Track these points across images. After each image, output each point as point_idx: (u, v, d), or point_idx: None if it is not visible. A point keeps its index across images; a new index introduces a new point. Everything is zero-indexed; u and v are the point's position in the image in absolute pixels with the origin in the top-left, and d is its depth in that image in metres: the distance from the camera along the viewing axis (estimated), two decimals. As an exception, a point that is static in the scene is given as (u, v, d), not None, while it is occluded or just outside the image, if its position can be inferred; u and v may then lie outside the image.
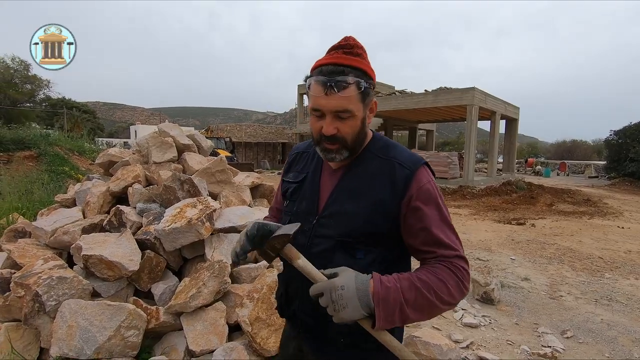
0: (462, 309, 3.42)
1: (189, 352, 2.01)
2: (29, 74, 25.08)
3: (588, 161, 32.14)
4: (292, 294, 1.05)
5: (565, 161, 29.86)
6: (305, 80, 0.95)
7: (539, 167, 27.61)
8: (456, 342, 2.81)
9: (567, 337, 3.02)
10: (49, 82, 26.59)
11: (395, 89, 21.49)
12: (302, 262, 0.89)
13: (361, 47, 0.93)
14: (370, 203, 0.93)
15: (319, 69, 0.91)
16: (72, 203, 3.22)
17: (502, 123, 17.70)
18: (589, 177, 23.91)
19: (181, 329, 2.11)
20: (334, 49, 0.93)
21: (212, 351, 1.97)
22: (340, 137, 0.92)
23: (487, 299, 3.65)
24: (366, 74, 0.91)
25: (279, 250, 0.91)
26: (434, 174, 1.01)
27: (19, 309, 2.04)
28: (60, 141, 9.97)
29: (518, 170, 26.10)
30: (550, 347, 2.83)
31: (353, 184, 0.97)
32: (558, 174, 26.62)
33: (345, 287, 0.81)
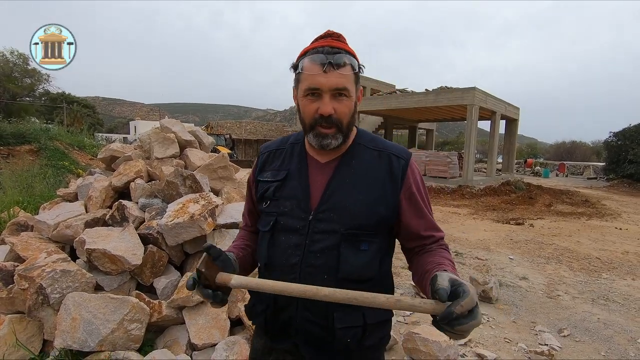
0: (461, 307, 3.45)
1: (191, 346, 2.03)
2: (29, 67, 24.99)
3: (587, 162, 32.21)
4: (284, 303, 0.95)
5: (565, 162, 29.93)
6: (295, 66, 0.94)
7: (538, 167, 27.65)
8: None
9: (564, 336, 3.06)
10: (48, 76, 26.51)
11: (396, 87, 21.50)
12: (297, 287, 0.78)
13: (345, 38, 0.95)
14: (372, 193, 0.94)
15: (312, 50, 0.91)
16: (74, 197, 3.23)
17: (502, 123, 17.73)
18: (588, 179, 23.98)
19: (183, 322, 2.14)
20: (322, 37, 0.95)
21: (214, 345, 1.99)
22: (337, 119, 0.90)
23: (485, 298, 3.68)
24: (356, 59, 0.93)
25: None
26: None
27: (22, 301, 2.06)
28: (61, 136, 9.97)
29: (517, 171, 26.16)
30: (547, 345, 2.86)
31: (351, 175, 0.96)
32: (557, 175, 26.69)
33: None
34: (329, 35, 0.94)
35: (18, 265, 2.19)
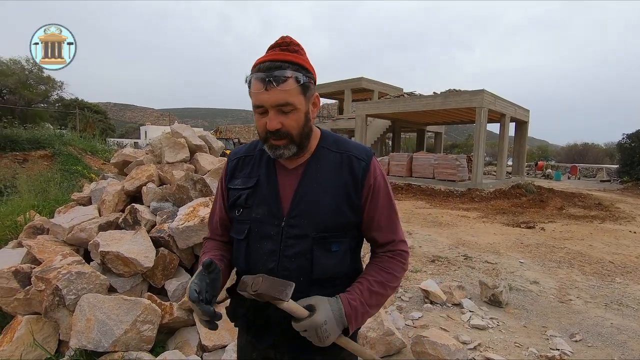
0: (470, 311, 3.43)
1: (202, 347, 2.07)
2: (43, 75, 25.62)
3: (600, 165, 31.63)
4: (263, 305, 0.96)
5: (577, 164, 29.44)
6: (246, 80, 0.95)
7: (550, 170, 27.26)
8: (464, 343, 2.82)
9: (576, 341, 3.01)
10: (62, 83, 27.15)
11: (404, 90, 21.46)
12: (287, 305, 0.88)
13: (298, 45, 0.96)
14: (337, 196, 0.97)
15: (257, 66, 0.92)
16: (88, 201, 3.31)
17: (512, 125, 17.55)
18: (601, 181, 23.54)
19: (194, 324, 2.17)
20: (271, 47, 0.95)
21: (224, 346, 2.02)
22: (285, 132, 0.92)
23: (495, 302, 3.64)
24: (304, 68, 0.93)
25: (264, 301, 0.89)
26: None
27: (39, 302, 2.12)
28: (74, 141, 10.19)
29: (528, 174, 25.82)
30: (558, 350, 2.82)
31: (317, 179, 0.99)
32: (569, 178, 26.25)
33: (327, 321, 0.89)
34: (278, 45, 0.95)
35: (35, 268, 2.26)
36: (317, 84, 1.03)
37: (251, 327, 1.05)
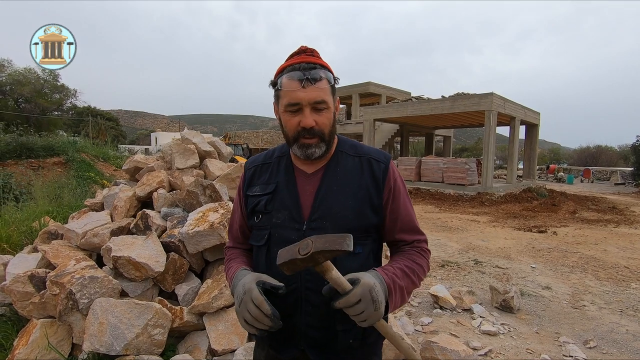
0: (481, 317, 3.39)
1: (211, 351, 2.08)
2: (58, 83, 26.25)
3: (614, 167, 30.99)
4: (291, 310, 0.98)
5: (590, 167, 28.88)
6: (274, 84, 0.98)
7: (562, 173, 26.80)
8: (474, 349, 2.79)
9: (590, 347, 2.95)
10: (75, 91, 27.77)
11: (412, 95, 21.40)
12: (335, 274, 0.83)
13: (318, 52, 1.00)
14: (359, 198, 0.99)
15: (291, 66, 0.95)
16: (100, 207, 3.37)
17: (523, 129, 17.35)
18: (615, 184, 23.05)
19: (204, 328, 2.19)
20: (296, 54, 0.99)
21: (234, 350, 2.04)
22: (319, 130, 0.95)
23: (506, 307, 3.59)
24: (330, 72, 0.98)
25: (318, 264, 0.81)
26: None
27: (53, 306, 2.17)
28: (87, 148, 10.41)
29: (539, 177, 25.43)
30: (572, 356, 2.77)
31: (337, 182, 1.00)
32: (582, 181, 25.77)
33: (376, 284, 0.85)
34: (303, 51, 0.99)
35: (49, 272, 2.31)
36: None
37: (274, 337, 1.01)
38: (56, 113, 28.50)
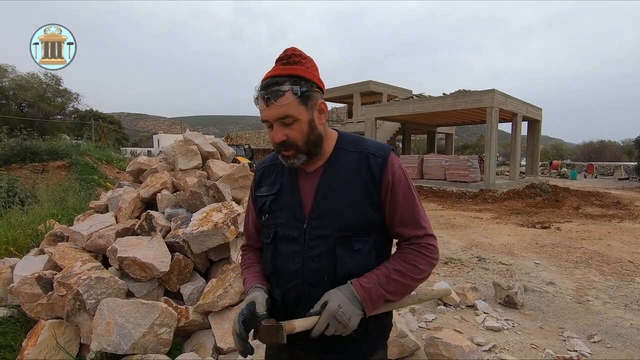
0: (484, 313, 3.39)
1: (217, 350, 2.11)
2: (60, 87, 26.41)
3: (617, 162, 30.81)
4: (292, 302, 1.04)
5: (593, 163, 28.74)
6: (254, 99, 1.02)
7: (565, 169, 26.70)
8: (478, 344, 2.79)
9: (594, 342, 2.95)
10: (78, 94, 27.93)
11: (413, 93, 21.37)
12: (299, 323, 0.93)
13: (300, 55, 0.99)
14: (357, 194, 0.99)
15: (261, 84, 0.98)
16: (105, 209, 3.41)
17: (525, 125, 17.28)
18: (619, 179, 22.93)
19: (209, 327, 2.22)
20: (276, 62, 1.00)
21: (239, 348, 2.06)
22: (292, 142, 0.97)
23: (510, 303, 3.60)
24: (304, 79, 0.96)
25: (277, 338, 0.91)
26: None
27: (61, 307, 2.19)
28: (90, 151, 10.48)
29: (542, 173, 25.33)
30: (576, 351, 2.77)
31: (335, 180, 1.01)
32: (585, 177, 25.65)
33: (341, 304, 0.93)
34: (280, 59, 0.99)
35: (56, 274, 2.34)
36: (326, 88, 1.06)
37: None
38: (59, 117, 28.67)
